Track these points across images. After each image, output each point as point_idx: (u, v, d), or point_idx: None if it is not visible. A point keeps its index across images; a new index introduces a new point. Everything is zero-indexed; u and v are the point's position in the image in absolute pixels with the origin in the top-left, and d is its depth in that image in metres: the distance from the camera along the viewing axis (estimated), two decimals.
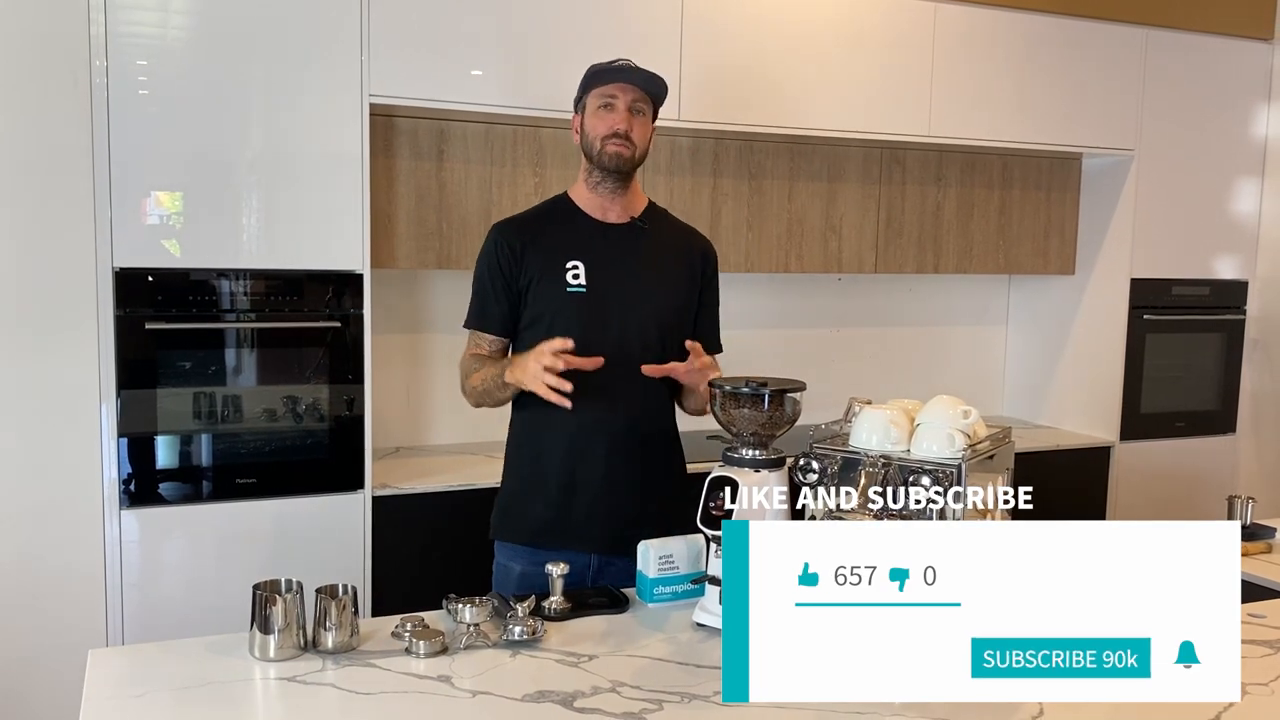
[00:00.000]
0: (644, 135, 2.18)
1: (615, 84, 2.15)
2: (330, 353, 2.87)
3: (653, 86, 2.18)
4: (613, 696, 1.58)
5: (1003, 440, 1.84)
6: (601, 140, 2.15)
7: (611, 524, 2.16)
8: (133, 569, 2.71)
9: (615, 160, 2.15)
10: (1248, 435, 4.32)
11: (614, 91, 2.15)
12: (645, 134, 2.19)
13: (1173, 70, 3.95)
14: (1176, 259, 4.05)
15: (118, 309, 2.66)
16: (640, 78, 2.16)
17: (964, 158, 3.90)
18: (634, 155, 2.17)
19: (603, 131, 2.15)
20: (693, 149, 3.46)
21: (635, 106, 2.16)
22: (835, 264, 3.73)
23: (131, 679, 1.61)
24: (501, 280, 2.20)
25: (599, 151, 2.16)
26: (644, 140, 2.19)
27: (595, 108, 2.17)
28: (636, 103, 2.16)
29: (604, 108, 2.16)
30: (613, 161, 2.15)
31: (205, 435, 2.77)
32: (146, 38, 2.65)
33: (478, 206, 3.16)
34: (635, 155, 2.17)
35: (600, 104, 2.16)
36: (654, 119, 2.22)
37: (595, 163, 2.18)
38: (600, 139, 2.15)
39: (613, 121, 2.14)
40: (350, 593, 1.74)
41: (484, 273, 2.23)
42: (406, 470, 3.13)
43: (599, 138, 2.15)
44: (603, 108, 2.16)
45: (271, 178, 2.77)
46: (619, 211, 2.24)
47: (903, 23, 3.52)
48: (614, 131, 2.14)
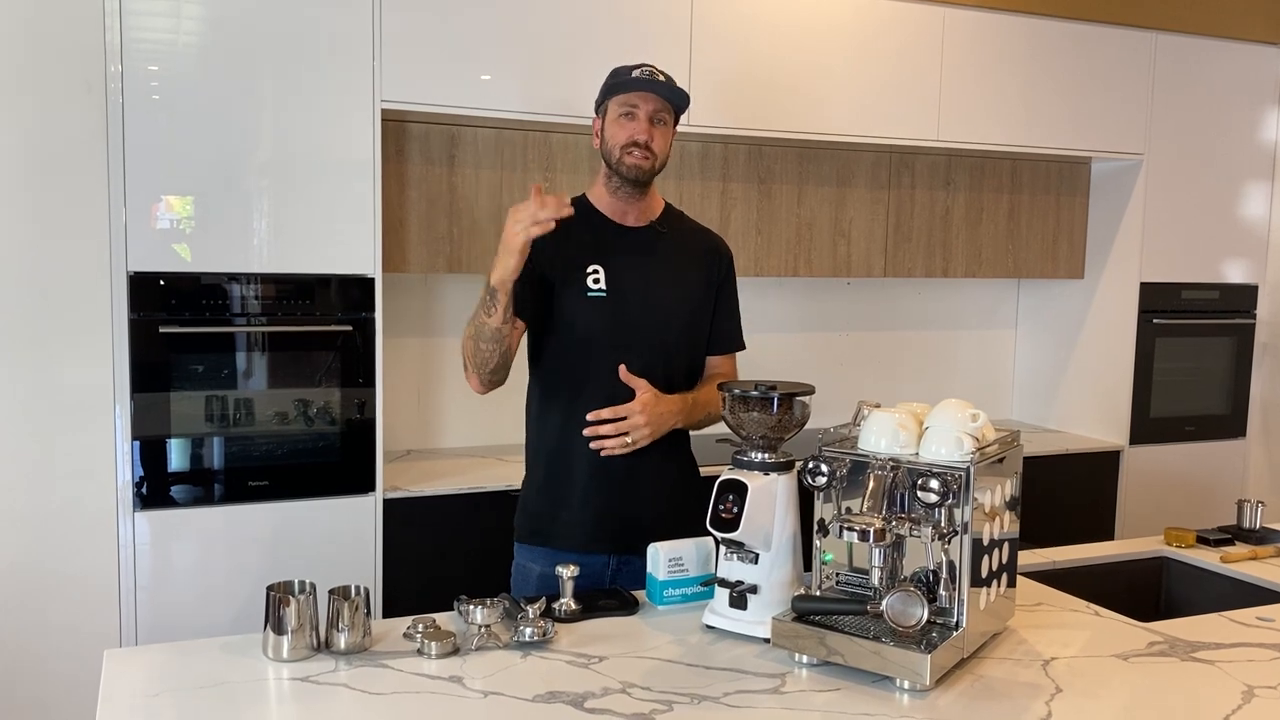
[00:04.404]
0: (664, 145, 2.17)
1: (638, 93, 2.14)
2: (341, 356, 2.88)
3: (676, 98, 2.17)
4: (623, 697, 1.58)
5: (1011, 444, 1.84)
6: (621, 149, 2.14)
7: (631, 526, 2.17)
8: (146, 571, 2.73)
9: (634, 171, 2.15)
10: (1257, 439, 4.31)
11: (636, 100, 2.14)
12: (666, 144, 2.18)
13: (1182, 74, 3.95)
14: (1186, 263, 4.05)
15: (132, 312, 2.68)
16: (664, 89, 2.14)
17: (973, 162, 3.91)
18: (653, 166, 2.16)
19: (623, 140, 2.14)
20: (702, 153, 3.47)
21: (657, 117, 2.15)
22: (844, 268, 3.74)
23: (147, 679, 1.62)
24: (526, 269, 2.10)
25: (618, 160, 2.15)
26: (664, 150, 2.18)
27: (616, 115, 2.15)
28: (658, 113, 2.15)
29: (625, 116, 2.14)
30: (631, 172, 2.15)
31: (217, 438, 2.79)
32: (160, 44, 2.67)
33: (488, 211, 3.18)
34: (655, 165, 2.17)
35: (622, 112, 2.15)
36: (675, 126, 2.22)
37: (614, 170, 2.18)
38: (620, 147, 2.14)
39: (633, 131, 2.13)
40: (362, 594, 1.75)
41: None
42: (417, 473, 3.15)
43: (618, 146, 2.15)
44: (624, 116, 2.14)
45: (283, 182, 2.79)
46: (637, 215, 2.24)
47: (912, 27, 3.52)
48: (634, 141, 2.13)
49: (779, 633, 1.72)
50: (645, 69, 2.16)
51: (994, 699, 1.61)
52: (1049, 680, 1.68)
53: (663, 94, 2.15)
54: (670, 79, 2.17)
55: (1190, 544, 2.47)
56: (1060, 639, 1.86)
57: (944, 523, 1.67)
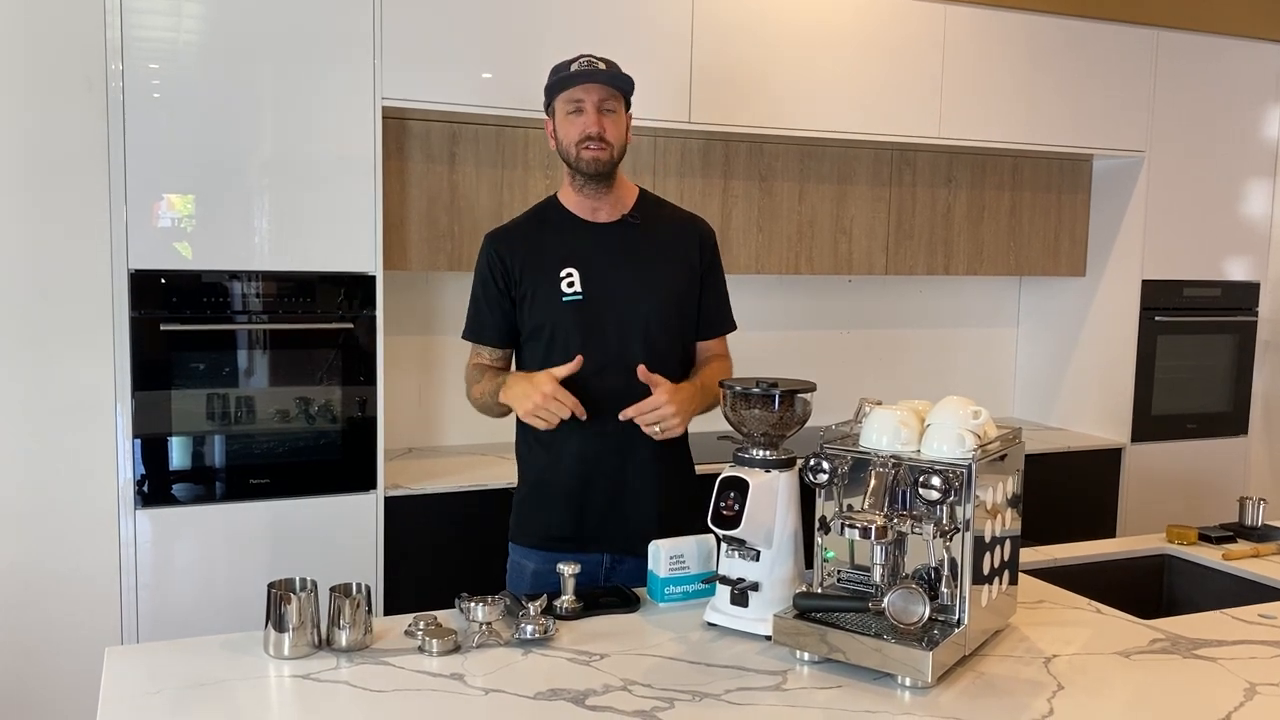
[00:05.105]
0: (618, 133, 2.15)
1: (579, 86, 2.11)
2: (342, 354, 2.88)
3: (617, 83, 2.13)
4: (624, 695, 1.58)
5: (1013, 441, 1.84)
6: (576, 146, 2.12)
7: (622, 526, 2.17)
8: (147, 569, 2.73)
9: (594, 165, 2.13)
10: (1259, 437, 4.31)
11: (580, 94, 2.11)
12: (620, 130, 2.15)
13: (1184, 71, 3.95)
14: (1188, 260, 4.05)
15: (133, 310, 2.68)
16: (604, 77, 2.11)
17: (974, 159, 3.90)
18: (611, 155, 2.14)
19: (575, 136, 2.12)
20: (703, 150, 3.46)
21: (604, 106, 2.12)
22: (845, 265, 3.74)
23: (148, 677, 1.62)
24: (495, 292, 2.20)
25: (576, 158, 2.13)
26: (619, 138, 2.15)
27: (565, 113, 2.13)
28: (605, 102, 2.12)
29: (573, 112, 2.12)
30: (591, 166, 2.13)
31: (219, 436, 2.79)
32: (161, 42, 2.66)
33: (489, 209, 3.18)
34: (613, 155, 2.14)
35: (569, 109, 2.13)
36: (628, 108, 2.19)
37: (574, 168, 2.16)
38: (574, 144, 2.12)
39: (583, 125, 2.11)
40: (364, 591, 1.75)
41: (478, 285, 2.23)
42: (418, 471, 3.15)
43: (573, 143, 2.13)
44: (572, 113, 2.12)
45: (284, 180, 2.79)
46: (608, 210, 2.22)
47: (913, 24, 3.52)
48: (586, 135, 2.11)
49: (780, 630, 1.72)
50: (583, 59, 2.13)
51: (996, 696, 1.61)
52: (1051, 677, 1.68)
53: (604, 81, 2.12)
54: (612, 64, 2.14)
55: (1192, 541, 2.47)
56: (1062, 636, 1.86)
57: (945, 520, 1.67)
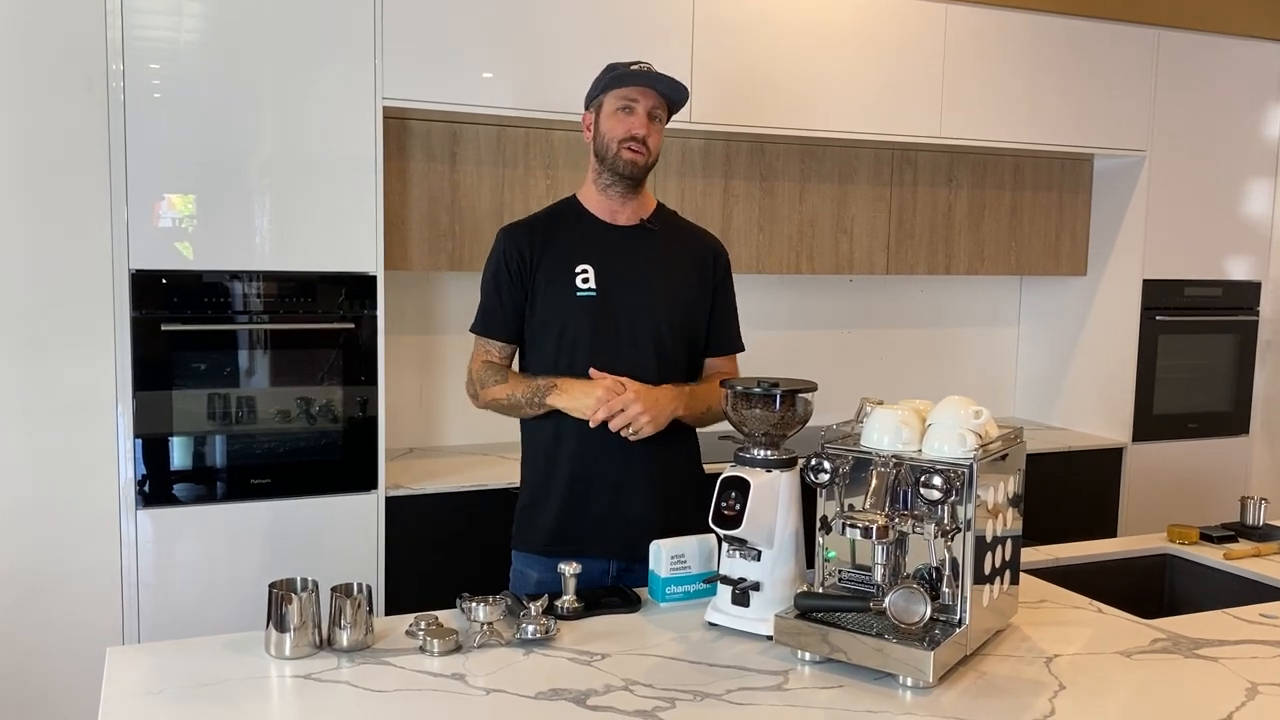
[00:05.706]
0: (657, 143, 2.17)
1: (637, 88, 2.12)
2: (343, 354, 2.88)
3: (675, 93, 2.15)
4: (625, 694, 1.58)
5: (1014, 441, 1.84)
6: (618, 143, 2.13)
7: (628, 530, 2.15)
8: (148, 569, 2.73)
9: (630, 167, 2.13)
10: (1260, 436, 4.31)
11: (635, 95, 2.12)
12: (658, 141, 2.17)
13: (1185, 71, 3.95)
14: (1189, 260, 4.04)
15: (134, 310, 2.68)
16: (664, 84, 2.13)
17: (975, 159, 3.90)
18: (647, 162, 2.15)
19: (620, 134, 2.12)
20: (704, 150, 3.46)
21: (653, 113, 2.14)
22: (846, 265, 3.74)
23: (150, 677, 1.62)
24: (509, 286, 2.19)
25: (614, 155, 2.13)
26: (657, 148, 2.17)
27: (613, 109, 2.14)
28: (655, 109, 2.14)
29: (623, 110, 2.13)
30: (627, 168, 2.14)
31: (219, 436, 2.79)
32: (161, 42, 2.66)
33: (490, 209, 3.18)
34: (648, 162, 2.16)
35: (619, 106, 2.13)
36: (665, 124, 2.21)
37: (608, 165, 2.16)
38: (617, 142, 2.13)
39: (631, 125, 2.12)
40: (365, 591, 1.75)
41: (491, 278, 2.22)
42: (420, 471, 3.15)
43: (615, 140, 2.13)
44: (621, 110, 2.13)
45: (284, 180, 2.79)
46: (628, 214, 2.22)
47: (913, 24, 3.52)
48: (632, 135, 2.11)
49: (781, 630, 1.72)
50: (643, 64, 2.15)
51: (997, 696, 1.61)
52: (1052, 677, 1.68)
53: (663, 89, 2.14)
54: (677, 82, 2.16)
55: (1193, 541, 2.46)
56: (1063, 636, 1.86)
57: (947, 520, 1.67)
